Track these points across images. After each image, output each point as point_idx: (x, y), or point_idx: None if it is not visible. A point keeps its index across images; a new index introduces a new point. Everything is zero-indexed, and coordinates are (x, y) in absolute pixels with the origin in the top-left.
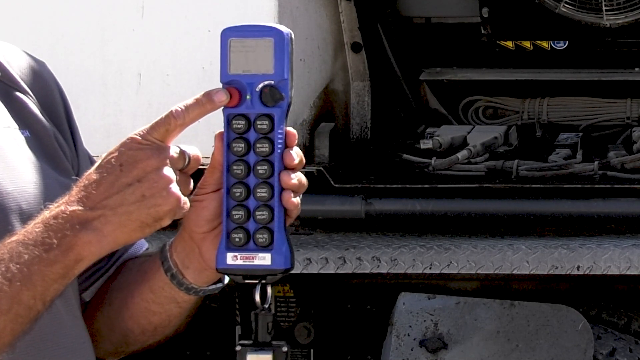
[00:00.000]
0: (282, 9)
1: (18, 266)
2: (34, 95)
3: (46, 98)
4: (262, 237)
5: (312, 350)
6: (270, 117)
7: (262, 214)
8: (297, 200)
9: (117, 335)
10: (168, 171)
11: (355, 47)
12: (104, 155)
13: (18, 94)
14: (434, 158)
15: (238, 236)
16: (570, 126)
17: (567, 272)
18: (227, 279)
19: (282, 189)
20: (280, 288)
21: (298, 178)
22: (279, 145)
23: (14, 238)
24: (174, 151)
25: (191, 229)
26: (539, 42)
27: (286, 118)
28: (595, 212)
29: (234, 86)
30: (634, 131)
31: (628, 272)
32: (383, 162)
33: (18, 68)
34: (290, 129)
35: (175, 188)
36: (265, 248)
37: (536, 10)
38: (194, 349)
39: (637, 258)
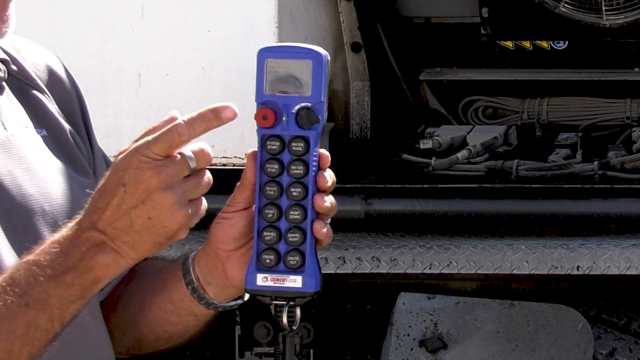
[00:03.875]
0: (282, 9)
1: (34, 289)
2: (50, 92)
3: (62, 95)
4: (294, 260)
5: (312, 350)
6: (305, 140)
7: (294, 236)
8: (328, 229)
9: (130, 339)
10: (171, 188)
11: (355, 47)
12: (111, 170)
13: (34, 92)
14: (434, 158)
15: (269, 257)
16: (570, 126)
17: (567, 272)
18: (247, 296)
19: (314, 212)
20: None
21: (330, 201)
22: (313, 168)
23: (30, 257)
24: (174, 162)
25: (217, 246)
26: (538, 42)
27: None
28: (595, 212)
29: (270, 107)
30: (634, 131)
31: (628, 272)
32: (383, 162)
33: (34, 65)
34: (323, 151)
35: (180, 205)
36: (296, 270)
37: (536, 10)
38: (193, 349)
39: (637, 258)
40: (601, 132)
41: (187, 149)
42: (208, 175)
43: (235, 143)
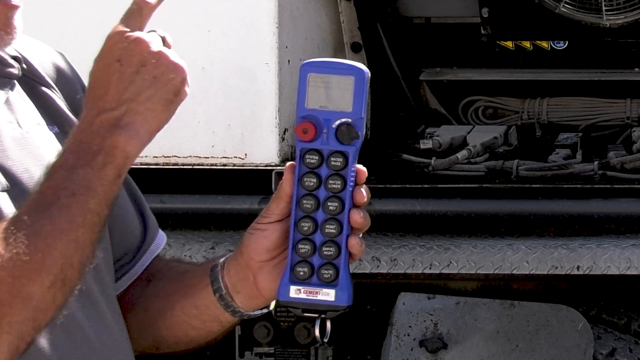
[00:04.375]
0: (282, 9)
1: (74, 179)
2: (58, 89)
3: (69, 91)
4: (327, 273)
5: (312, 350)
6: (344, 155)
7: (329, 250)
8: (362, 244)
9: (147, 340)
10: (161, 46)
11: (355, 47)
12: (98, 57)
13: (44, 88)
14: (434, 158)
15: (303, 270)
16: (570, 126)
17: (567, 272)
18: (272, 306)
19: (350, 226)
20: None
21: (365, 216)
22: (351, 183)
23: (55, 161)
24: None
25: (250, 256)
26: (538, 42)
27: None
28: (595, 212)
29: (310, 121)
30: (634, 131)
31: (628, 272)
32: (383, 162)
33: (40, 62)
34: (360, 166)
35: (175, 57)
36: (329, 284)
37: (536, 10)
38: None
39: (637, 258)
40: (601, 132)
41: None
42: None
43: (235, 143)
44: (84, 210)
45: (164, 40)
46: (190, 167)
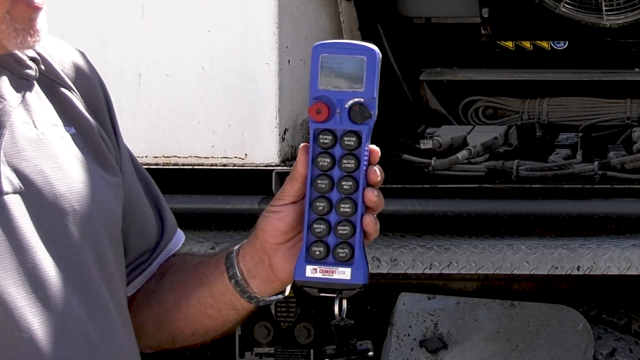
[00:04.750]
0: (282, 9)
1: None
2: (77, 90)
3: (89, 93)
4: (343, 252)
5: (312, 351)
6: (357, 134)
7: (344, 229)
8: (376, 223)
9: (164, 333)
10: None
11: None
12: None
13: (63, 89)
14: (434, 158)
15: (318, 249)
16: (570, 126)
17: (567, 273)
18: (287, 291)
19: (364, 205)
20: None
21: (380, 195)
22: (365, 162)
23: None
24: None
25: (265, 239)
26: (539, 42)
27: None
28: (595, 212)
29: (323, 101)
30: (634, 131)
31: (628, 273)
32: (383, 162)
33: (60, 62)
34: (373, 146)
35: None
36: (345, 262)
37: (536, 10)
38: (194, 349)
39: (637, 258)
40: (601, 132)
41: None
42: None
43: (235, 143)
44: None
45: None
46: (191, 167)
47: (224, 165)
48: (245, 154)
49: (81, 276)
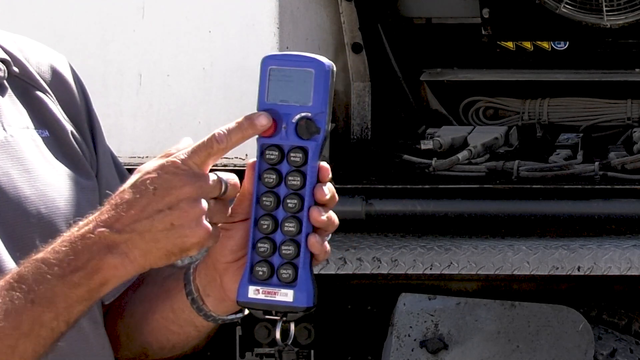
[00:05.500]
0: (282, 10)
1: (41, 287)
2: (53, 93)
3: (66, 96)
4: (286, 273)
5: (312, 351)
6: (304, 150)
7: (287, 249)
8: (322, 243)
9: (136, 346)
10: (201, 202)
11: (356, 48)
12: (139, 174)
13: (37, 92)
14: (435, 159)
15: (262, 270)
16: (570, 127)
17: (568, 273)
18: (247, 310)
19: (310, 225)
20: None
21: (328, 215)
22: (311, 180)
23: (39, 255)
24: (210, 179)
25: (215, 257)
26: (539, 42)
27: (321, 152)
28: (595, 212)
29: (271, 115)
30: (635, 132)
31: (628, 273)
32: (383, 162)
33: (37, 65)
34: (324, 163)
35: (205, 220)
36: (288, 284)
37: (537, 10)
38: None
39: (638, 259)
40: (602, 132)
41: (223, 175)
42: (231, 206)
43: None
44: (34, 321)
45: (223, 184)
46: None
47: (224, 165)
48: (246, 154)
49: None
